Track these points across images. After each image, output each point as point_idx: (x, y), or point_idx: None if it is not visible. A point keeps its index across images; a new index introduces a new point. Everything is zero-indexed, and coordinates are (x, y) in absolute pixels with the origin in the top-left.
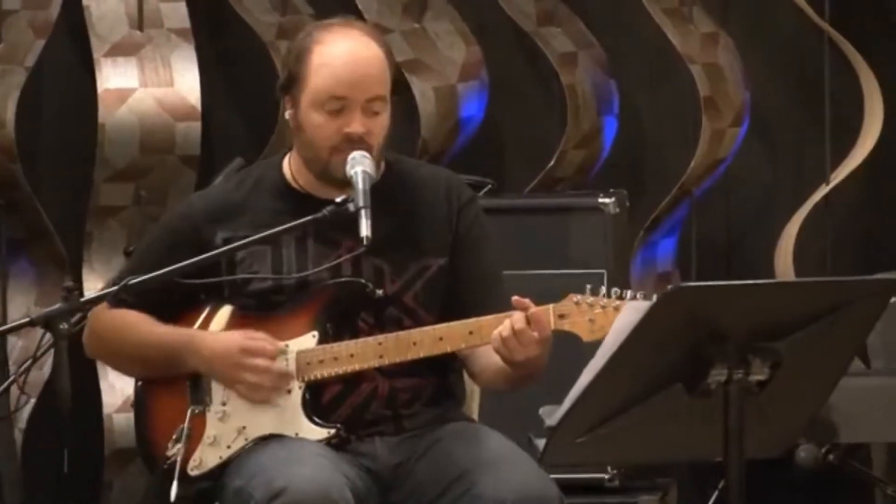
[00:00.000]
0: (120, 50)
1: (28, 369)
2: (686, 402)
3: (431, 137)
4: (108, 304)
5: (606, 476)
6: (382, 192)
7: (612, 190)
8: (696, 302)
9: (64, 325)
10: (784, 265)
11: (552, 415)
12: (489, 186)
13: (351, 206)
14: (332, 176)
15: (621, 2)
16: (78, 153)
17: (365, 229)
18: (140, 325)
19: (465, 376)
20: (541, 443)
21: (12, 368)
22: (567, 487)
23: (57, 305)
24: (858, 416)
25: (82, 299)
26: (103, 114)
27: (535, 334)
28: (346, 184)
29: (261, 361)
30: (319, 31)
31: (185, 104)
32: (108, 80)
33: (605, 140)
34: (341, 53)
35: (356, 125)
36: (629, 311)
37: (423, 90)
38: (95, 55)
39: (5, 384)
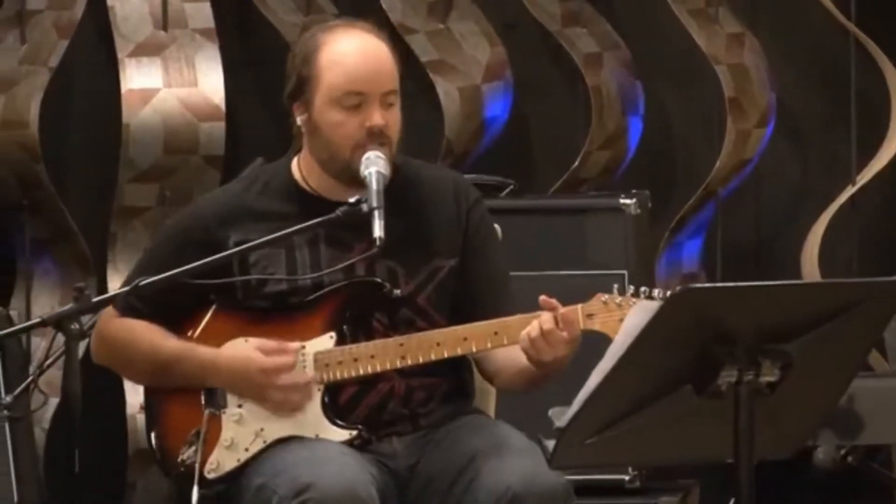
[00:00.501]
0: (144, 50)
1: (43, 370)
2: (695, 403)
3: (455, 138)
4: (117, 313)
5: (627, 477)
6: (392, 193)
7: (634, 191)
8: (704, 303)
9: (75, 326)
10: (810, 266)
11: (561, 416)
12: (511, 187)
13: (364, 207)
14: (352, 175)
15: (647, 2)
16: (102, 153)
17: (378, 230)
18: (152, 339)
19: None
20: (550, 444)
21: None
22: (587, 488)
23: (68, 306)
24: (878, 417)
25: (94, 300)
26: (127, 114)
27: (565, 334)
28: (363, 183)
29: (284, 379)
30: (323, 33)
31: (210, 104)
32: (132, 81)
33: (630, 141)
34: (352, 50)
35: (377, 118)
36: (638, 312)
37: (447, 90)
38: (119, 55)
39: (22, 385)
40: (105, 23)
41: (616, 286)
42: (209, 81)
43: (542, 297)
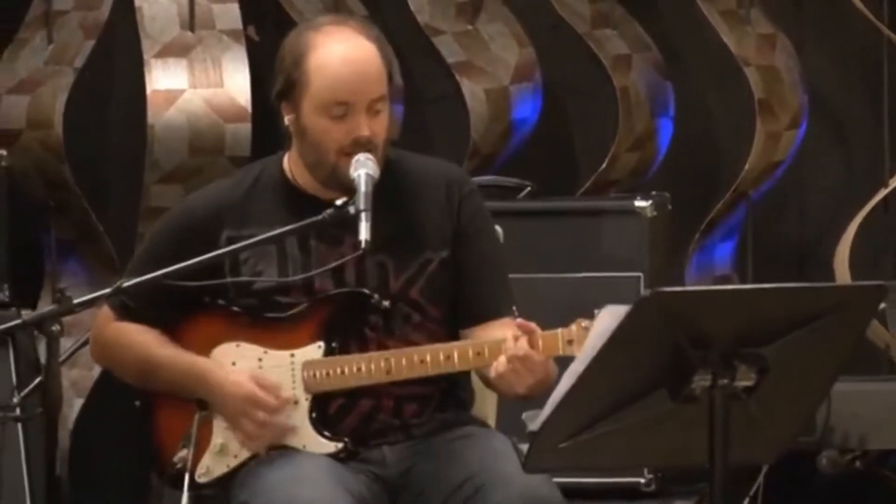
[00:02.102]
0: (170, 51)
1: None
2: (671, 407)
3: (482, 139)
4: (113, 317)
5: (643, 480)
6: (384, 187)
7: (654, 193)
8: (674, 307)
9: (56, 327)
10: (842, 268)
11: (534, 420)
12: (528, 189)
13: (351, 209)
14: (339, 180)
15: (680, 4)
16: (128, 155)
17: (364, 233)
18: (145, 344)
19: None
20: (525, 448)
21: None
22: (602, 492)
23: (49, 307)
24: (886, 422)
25: (75, 301)
26: (152, 115)
27: (539, 357)
28: (351, 187)
29: (262, 415)
30: (312, 35)
31: (235, 105)
32: (157, 82)
33: (660, 142)
34: (338, 58)
35: (364, 129)
36: (607, 317)
37: (473, 92)
38: (145, 56)
39: (30, 386)
40: (131, 23)
41: (597, 311)
42: (235, 82)
43: (520, 322)
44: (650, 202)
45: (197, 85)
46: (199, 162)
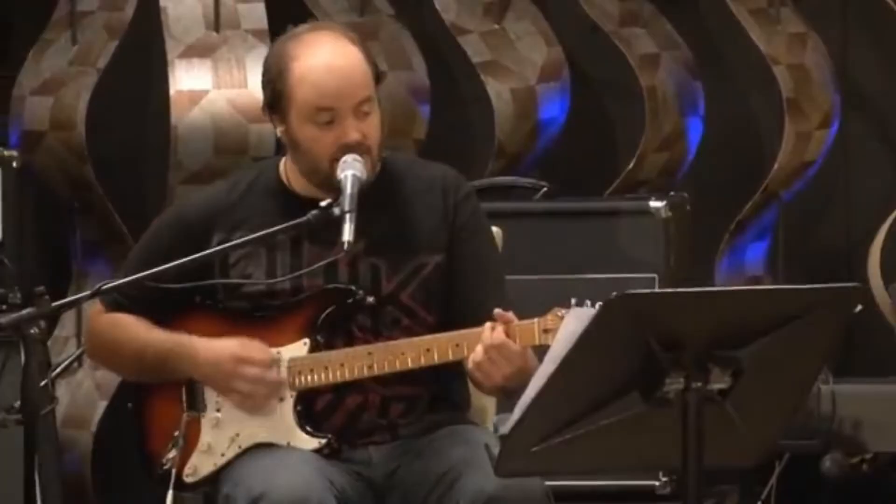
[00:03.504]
0: (194, 51)
1: (57, 374)
2: (644, 410)
3: (507, 139)
4: (104, 309)
5: (657, 483)
6: (379, 190)
7: (672, 193)
8: (642, 309)
9: (35, 330)
10: (873, 270)
11: (505, 423)
12: (544, 189)
13: (336, 210)
14: (336, 187)
15: (710, 2)
16: (151, 155)
17: (347, 234)
18: (135, 328)
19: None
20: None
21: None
22: (616, 494)
23: (26, 310)
24: (893, 425)
25: (53, 304)
26: (176, 116)
27: (517, 348)
28: None
29: (253, 370)
30: (293, 45)
31: (259, 105)
32: (181, 82)
33: (689, 142)
34: (319, 65)
35: (352, 133)
36: (573, 320)
37: (498, 91)
38: (170, 56)
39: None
40: (155, 24)
41: (574, 300)
42: (259, 82)
43: (499, 314)
44: (665, 203)
45: (221, 85)
46: (223, 162)
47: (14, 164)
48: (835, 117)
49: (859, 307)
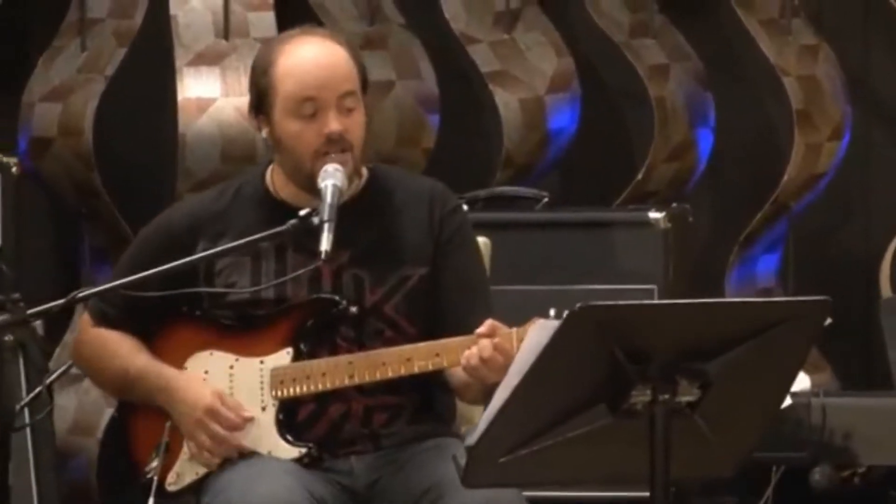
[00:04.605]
0: (203, 59)
1: (54, 379)
2: (612, 422)
3: (515, 149)
4: (91, 322)
5: None
6: (365, 201)
7: (674, 205)
8: (607, 321)
9: (8, 337)
10: (885, 282)
11: (472, 434)
12: (545, 199)
13: (315, 220)
14: (318, 186)
15: (721, 13)
16: (159, 163)
17: (325, 243)
18: (120, 348)
19: None
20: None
21: None
22: None
23: (1, 317)
24: (883, 438)
25: (28, 312)
26: (183, 123)
27: (502, 359)
28: None
29: (218, 429)
30: (279, 44)
31: None
32: (189, 89)
33: (699, 153)
34: (304, 57)
35: (334, 124)
36: (537, 331)
37: (506, 102)
38: (178, 63)
39: (32, 393)
40: (164, 31)
41: (553, 310)
42: None
43: (489, 322)
44: (664, 214)
45: (229, 93)
46: (231, 170)
47: (13, 171)
48: (846, 129)
49: (829, 321)
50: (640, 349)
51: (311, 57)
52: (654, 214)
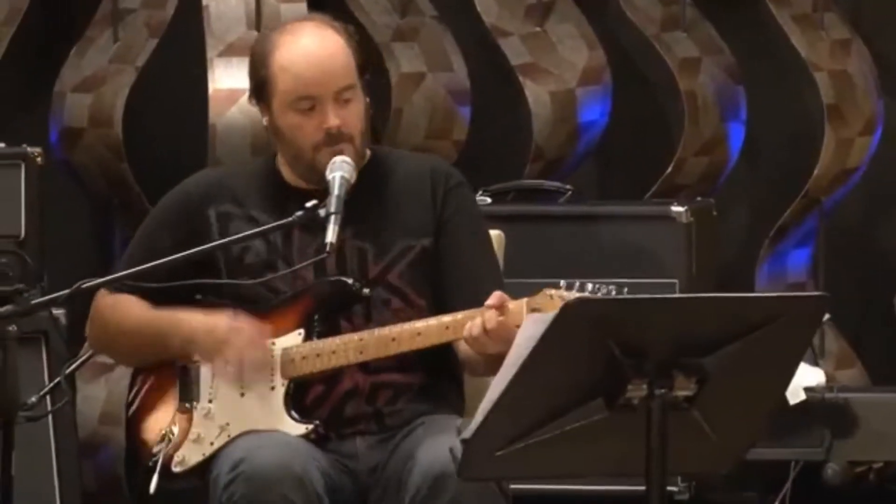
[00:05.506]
0: (234, 50)
1: (73, 370)
2: (609, 417)
3: (545, 143)
4: (108, 290)
5: (676, 489)
6: (368, 178)
7: (698, 199)
8: (601, 316)
9: (13, 328)
10: None
11: (468, 427)
12: (569, 193)
13: (322, 212)
14: (319, 176)
15: (754, 7)
16: (189, 154)
17: (330, 236)
18: (136, 306)
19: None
20: None
21: None
22: (632, 499)
23: (5, 307)
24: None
25: (32, 302)
26: (214, 114)
27: (504, 332)
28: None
29: (243, 340)
30: (276, 35)
31: None
32: (220, 81)
33: (731, 147)
34: (299, 53)
35: (331, 119)
36: (530, 325)
37: (537, 94)
38: (209, 55)
39: (50, 385)
40: (195, 22)
41: (563, 282)
42: None
43: (497, 294)
44: (686, 208)
45: None
46: None
47: (38, 161)
48: (878, 124)
49: (827, 316)
50: (636, 343)
51: (306, 52)
52: (676, 208)
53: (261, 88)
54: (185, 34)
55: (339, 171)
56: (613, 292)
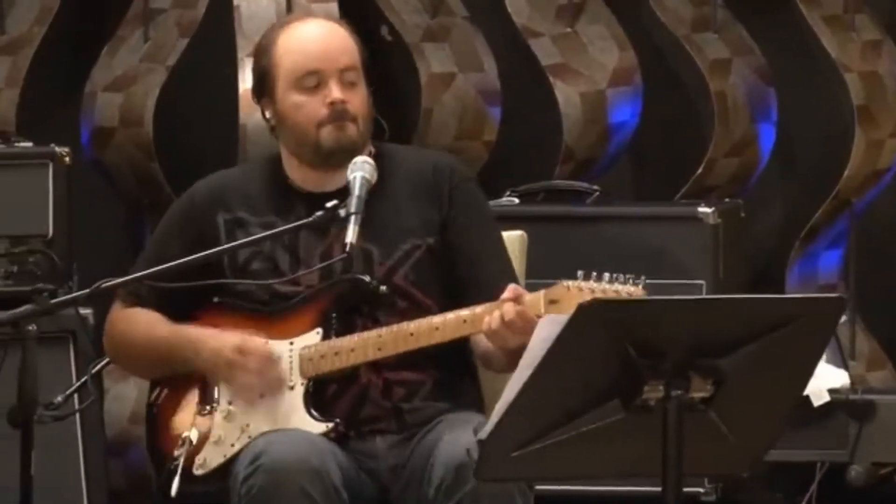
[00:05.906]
0: None
1: (98, 371)
2: (626, 418)
3: (575, 143)
4: (122, 304)
5: (703, 490)
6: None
7: (727, 200)
8: (617, 317)
9: (32, 327)
10: None
11: (484, 428)
12: (597, 193)
13: (342, 213)
14: (323, 155)
15: (785, 8)
16: (219, 154)
17: (351, 236)
18: (148, 322)
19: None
20: None
21: None
22: (649, 500)
23: (25, 307)
24: None
25: (52, 301)
26: (244, 114)
27: (523, 323)
28: (338, 161)
29: (253, 362)
30: (280, 27)
31: None
32: (250, 81)
33: (761, 148)
34: (306, 33)
35: (336, 92)
36: (546, 325)
37: (567, 95)
38: (240, 54)
39: (76, 385)
40: (226, 22)
41: (580, 272)
42: None
43: (512, 286)
44: (713, 209)
45: None
46: None
47: (66, 160)
48: None
49: (844, 318)
50: (652, 344)
51: (311, 32)
52: (703, 209)
53: (263, 80)
54: (215, 34)
55: (360, 171)
56: (630, 283)
